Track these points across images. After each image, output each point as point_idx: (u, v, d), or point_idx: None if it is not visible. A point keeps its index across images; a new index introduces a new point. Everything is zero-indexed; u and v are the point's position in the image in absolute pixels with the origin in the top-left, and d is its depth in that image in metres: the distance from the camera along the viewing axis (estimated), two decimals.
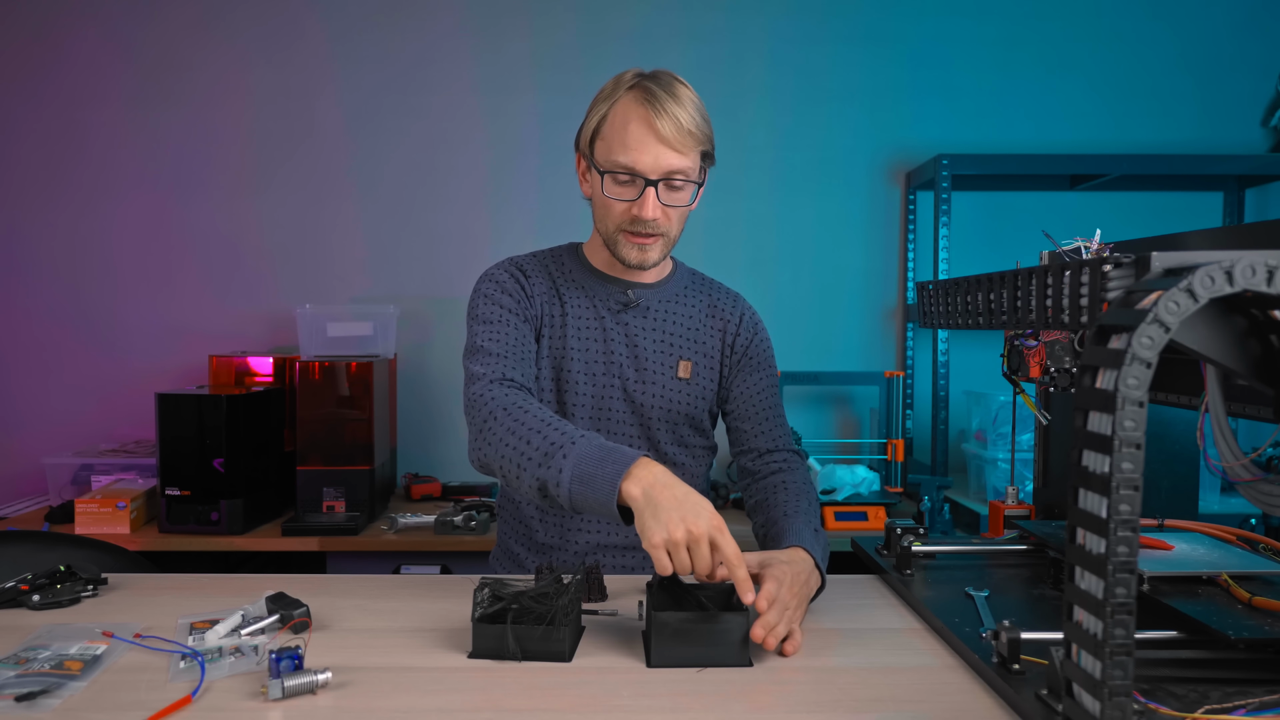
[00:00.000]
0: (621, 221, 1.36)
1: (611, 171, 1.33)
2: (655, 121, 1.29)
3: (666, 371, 1.47)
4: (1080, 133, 2.81)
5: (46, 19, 2.76)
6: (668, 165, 1.31)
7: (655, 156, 1.30)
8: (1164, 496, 1.42)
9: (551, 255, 1.52)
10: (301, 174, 2.80)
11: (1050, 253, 1.17)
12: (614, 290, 1.47)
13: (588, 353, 1.45)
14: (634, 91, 1.32)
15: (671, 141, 1.30)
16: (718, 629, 1.01)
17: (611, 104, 1.34)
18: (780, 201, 2.83)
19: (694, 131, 1.32)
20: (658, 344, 1.48)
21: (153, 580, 1.34)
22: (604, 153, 1.35)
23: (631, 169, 1.31)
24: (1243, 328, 0.80)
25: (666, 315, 1.49)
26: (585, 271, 1.49)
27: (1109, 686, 0.73)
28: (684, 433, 1.51)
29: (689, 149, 1.32)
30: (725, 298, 1.56)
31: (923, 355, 2.80)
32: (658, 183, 1.32)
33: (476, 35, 2.80)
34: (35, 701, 0.89)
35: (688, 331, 1.50)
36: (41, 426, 2.78)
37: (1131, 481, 0.72)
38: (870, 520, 2.27)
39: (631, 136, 1.31)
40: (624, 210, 1.35)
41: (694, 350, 1.49)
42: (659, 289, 1.50)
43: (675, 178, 1.33)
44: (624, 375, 1.46)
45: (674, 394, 1.47)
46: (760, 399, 1.52)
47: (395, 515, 2.28)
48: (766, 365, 1.54)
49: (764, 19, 2.79)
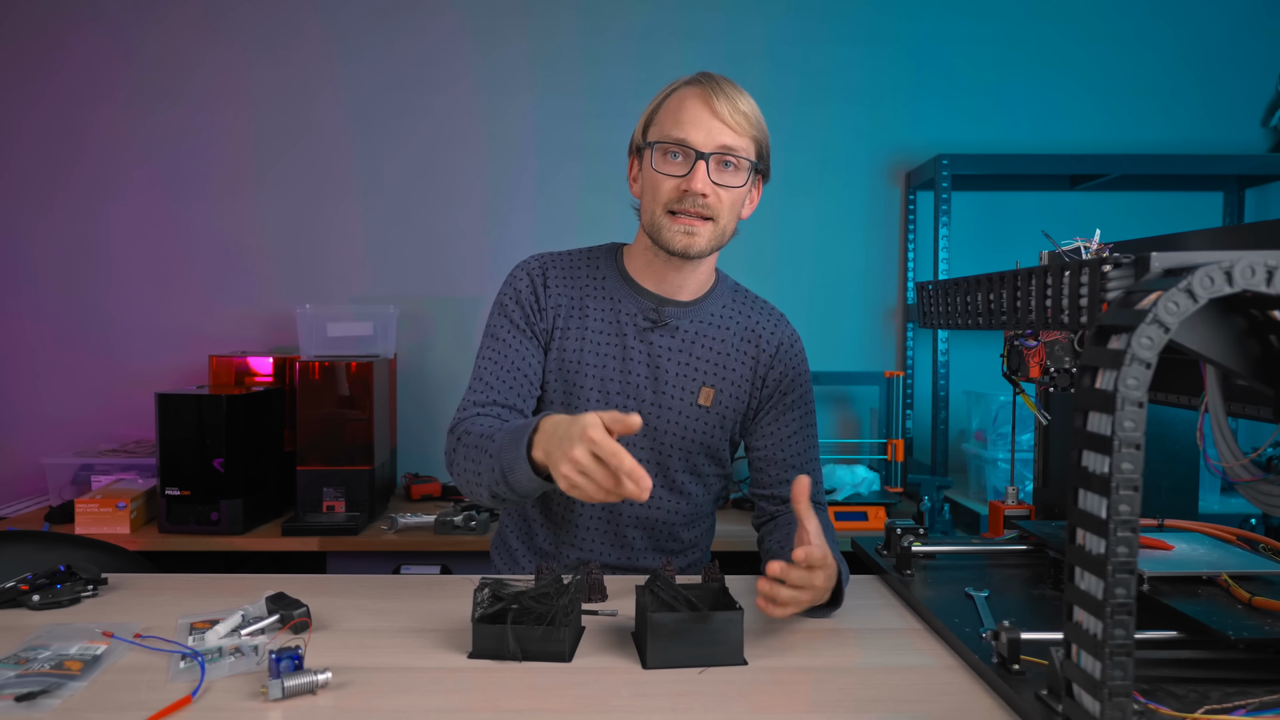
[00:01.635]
0: (670, 199, 1.31)
1: (662, 143, 1.31)
2: (712, 100, 1.30)
3: (686, 397, 1.40)
4: (1080, 133, 2.81)
5: (46, 18, 2.76)
6: (721, 140, 1.30)
7: (709, 131, 1.29)
8: (1164, 496, 1.42)
9: (588, 257, 1.47)
10: (301, 174, 2.80)
11: (1050, 253, 1.17)
12: (645, 305, 1.41)
13: (604, 369, 1.39)
14: (692, 82, 1.33)
15: (727, 119, 1.29)
16: (712, 628, 1.01)
17: (669, 93, 1.35)
18: (780, 201, 2.83)
19: (749, 114, 1.32)
20: (681, 366, 1.40)
21: (153, 580, 1.34)
22: (656, 133, 1.33)
23: (684, 141, 1.29)
24: (1242, 328, 0.80)
25: (696, 337, 1.41)
26: (618, 280, 1.43)
27: (1109, 687, 0.73)
28: (699, 462, 1.43)
29: (744, 131, 1.31)
30: (766, 321, 1.46)
31: (923, 355, 2.80)
32: (709, 157, 1.29)
33: (477, 35, 2.80)
34: (35, 701, 0.89)
35: (716, 356, 1.42)
36: (41, 426, 2.78)
37: (1131, 481, 0.72)
38: (870, 520, 2.27)
39: (686, 112, 1.30)
40: (673, 187, 1.31)
41: (719, 377, 1.42)
42: (694, 309, 1.42)
43: (729, 155, 1.31)
44: (640, 397, 1.39)
45: (692, 422, 1.40)
46: (789, 444, 1.44)
47: (395, 515, 2.28)
48: (800, 405, 1.45)
49: (764, 19, 2.79)
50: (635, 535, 1.43)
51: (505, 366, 1.37)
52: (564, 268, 1.44)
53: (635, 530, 1.43)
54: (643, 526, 1.44)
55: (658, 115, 1.35)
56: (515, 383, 1.36)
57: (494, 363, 1.38)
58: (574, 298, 1.42)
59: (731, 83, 1.33)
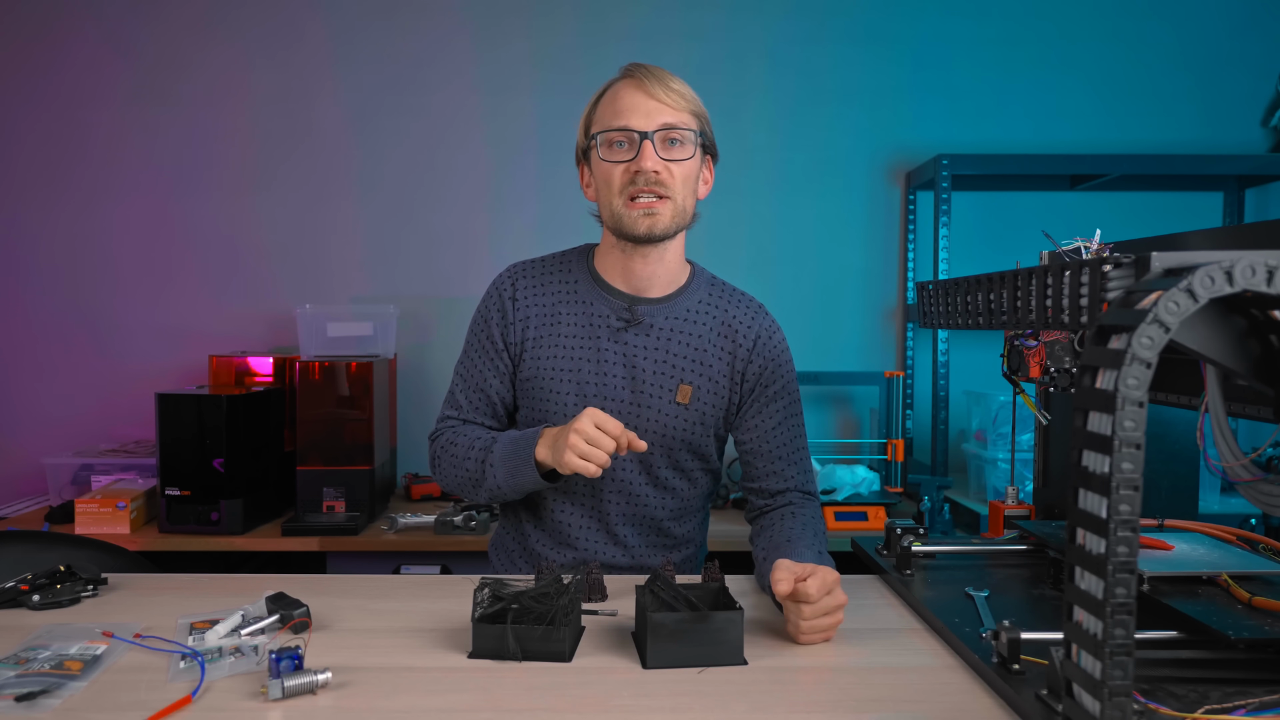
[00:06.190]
0: (623, 186, 1.34)
1: (606, 133, 1.35)
2: (645, 84, 1.35)
3: (665, 395, 1.40)
4: (1080, 133, 2.81)
5: (47, 19, 2.76)
6: (661, 119, 1.34)
7: (648, 112, 1.34)
8: (1164, 496, 1.42)
9: (560, 262, 1.49)
10: (302, 174, 2.80)
11: (1050, 253, 1.17)
12: (618, 306, 1.42)
13: (580, 374, 1.40)
14: (622, 75, 1.39)
15: (663, 99, 1.34)
16: (712, 628, 1.01)
17: (602, 92, 1.40)
18: (781, 201, 2.83)
19: (683, 93, 1.36)
20: (657, 365, 1.40)
21: (153, 580, 1.34)
22: (599, 128, 1.37)
23: (627, 127, 1.34)
24: (1243, 328, 0.80)
25: (671, 334, 1.41)
26: (590, 283, 1.44)
27: (1109, 686, 0.73)
28: (682, 459, 1.43)
29: (682, 107, 1.36)
30: (743, 313, 1.46)
31: (923, 355, 2.80)
32: (653, 135, 1.33)
33: (476, 35, 2.79)
34: (35, 701, 0.89)
35: (692, 352, 1.41)
36: (41, 426, 2.78)
37: (1131, 481, 0.72)
38: (870, 520, 2.27)
39: (623, 101, 1.35)
40: (624, 171, 1.34)
41: (696, 373, 1.41)
42: (668, 305, 1.43)
43: (672, 131, 1.34)
44: (618, 399, 1.40)
45: (671, 420, 1.40)
46: (774, 435, 1.43)
47: (395, 515, 2.28)
48: (784, 395, 1.45)
49: (764, 19, 2.79)
50: (627, 533, 1.44)
51: (474, 387, 1.47)
52: (536, 276, 1.47)
53: (626, 528, 1.44)
54: (633, 523, 1.44)
55: (596, 113, 1.40)
56: (482, 404, 1.47)
57: (465, 380, 1.48)
58: (546, 305, 1.44)
59: (661, 69, 1.38)
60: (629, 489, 1.42)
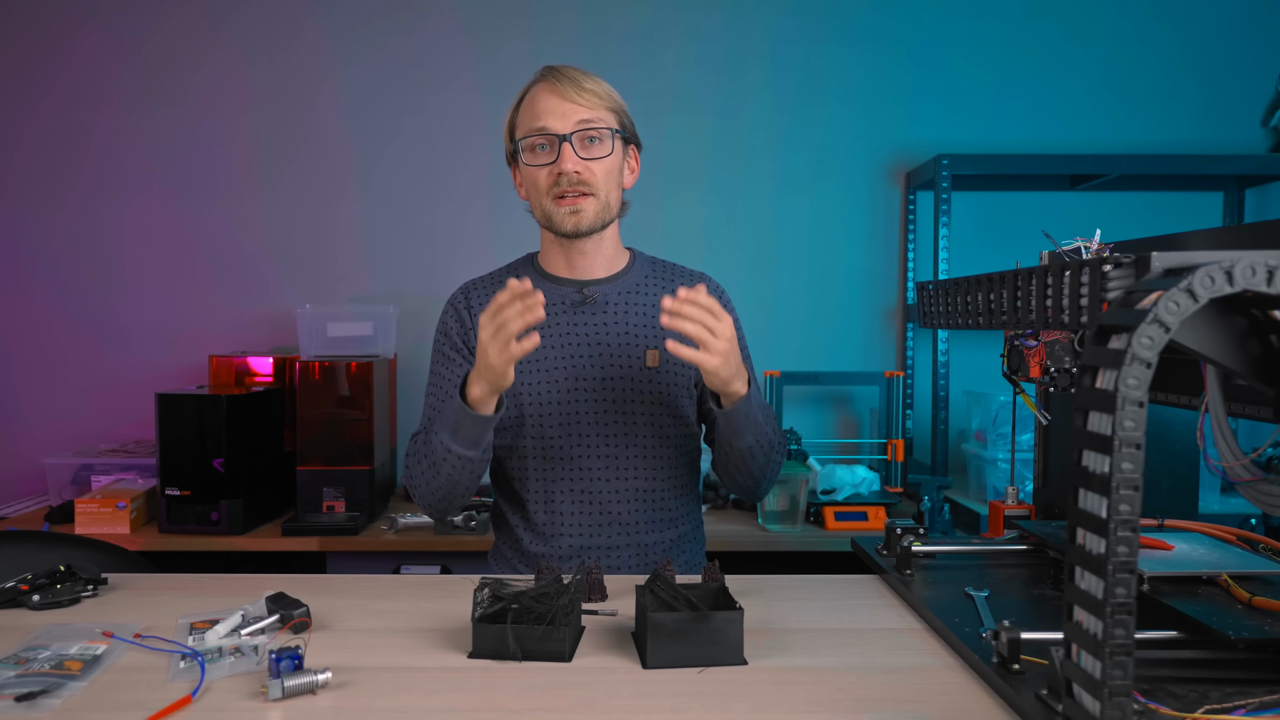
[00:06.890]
0: (549, 187, 1.40)
1: (527, 138, 1.40)
2: (558, 86, 1.39)
3: (634, 363, 1.46)
4: (1080, 133, 2.81)
5: (48, 19, 2.76)
6: (577, 119, 1.38)
7: (563, 114, 1.38)
8: (1164, 496, 1.42)
9: (507, 271, 1.57)
10: (302, 174, 2.80)
11: (1050, 253, 1.17)
12: (568, 291, 1.49)
13: (546, 360, 1.45)
14: (538, 80, 1.44)
15: (574, 98, 1.38)
16: (712, 628, 1.01)
17: (520, 97, 1.46)
18: (780, 201, 2.83)
19: (596, 90, 1.40)
20: (621, 336, 1.47)
21: (153, 580, 1.34)
22: (520, 133, 1.42)
23: (544, 130, 1.38)
24: (1243, 328, 0.80)
25: (627, 307, 1.49)
26: (538, 278, 1.51)
27: (1109, 686, 0.73)
28: (665, 423, 1.48)
29: (596, 104, 1.40)
30: (687, 280, 1.55)
31: (923, 355, 2.80)
32: (571, 136, 1.38)
33: (476, 35, 2.79)
34: (35, 701, 0.89)
35: (650, 320, 1.49)
36: (42, 426, 2.78)
37: (1131, 481, 0.72)
38: (870, 520, 2.27)
39: (539, 104, 1.40)
40: (547, 173, 1.40)
41: (660, 339, 1.48)
42: (615, 282, 1.50)
43: (589, 130, 1.38)
44: (587, 375, 1.45)
45: (646, 384, 1.46)
46: None
47: (395, 515, 2.28)
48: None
49: (764, 19, 2.79)
50: (621, 510, 1.46)
51: (445, 398, 1.47)
52: (485, 286, 1.54)
53: (619, 505, 1.46)
54: (625, 499, 1.46)
55: (517, 118, 1.45)
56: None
57: (435, 395, 1.49)
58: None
59: (575, 68, 1.42)
60: (616, 462, 1.46)
